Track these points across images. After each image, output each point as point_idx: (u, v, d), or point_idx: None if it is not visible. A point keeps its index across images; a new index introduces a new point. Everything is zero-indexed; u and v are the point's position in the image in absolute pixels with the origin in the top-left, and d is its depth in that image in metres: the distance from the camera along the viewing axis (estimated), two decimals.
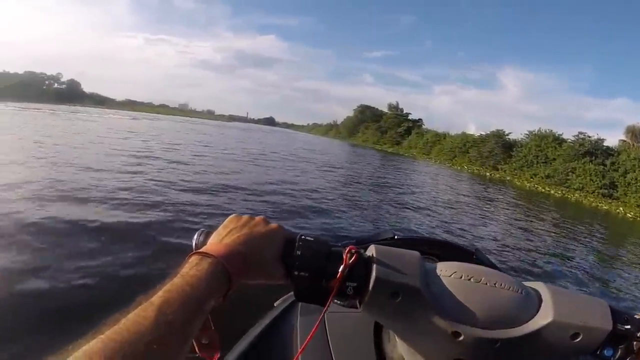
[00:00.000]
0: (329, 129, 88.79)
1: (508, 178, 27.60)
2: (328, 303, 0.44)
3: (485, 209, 9.67)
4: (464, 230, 6.65)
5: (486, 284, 0.44)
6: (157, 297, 0.34)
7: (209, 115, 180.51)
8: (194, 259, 0.40)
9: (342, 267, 0.43)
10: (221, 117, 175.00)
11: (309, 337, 0.45)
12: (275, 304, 0.90)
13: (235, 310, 0.70)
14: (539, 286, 0.47)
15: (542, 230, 8.49)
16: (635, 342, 0.42)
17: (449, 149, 37.98)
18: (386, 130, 53.10)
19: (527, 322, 0.42)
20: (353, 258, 0.43)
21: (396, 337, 0.52)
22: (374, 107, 65.65)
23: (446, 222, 7.04)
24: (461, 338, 0.41)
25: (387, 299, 0.43)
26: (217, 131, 34.75)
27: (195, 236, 0.50)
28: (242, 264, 0.42)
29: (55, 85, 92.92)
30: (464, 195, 12.02)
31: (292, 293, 0.53)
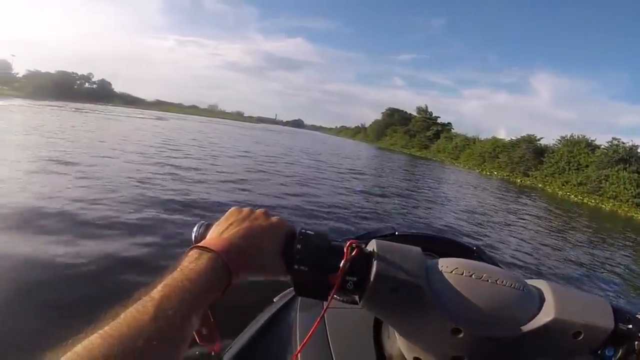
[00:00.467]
0: (357, 132, 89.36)
1: (539, 185, 27.25)
2: (330, 298, 0.43)
3: (521, 223, 9.23)
4: (500, 244, 6.30)
5: (488, 280, 0.43)
6: (157, 291, 0.34)
7: (238, 116, 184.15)
8: (193, 253, 0.40)
9: (343, 261, 0.42)
10: (250, 119, 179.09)
11: (309, 333, 0.44)
12: (274, 300, 0.92)
13: (234, 306, 0.70)
14: (541, 284, 0.46)
15: (580, 244, 8.07)
16: (636, 342, 0.42)
17: (478, 154, 37.66)
18: (414, 134, 53.11)
19: (528, 319, 0.42)
20: (354, 252, 0.43)
21: (396, 333, 0.51)
22: (402, 110, 65.76)
23: (488, 242, 6.52)
24: (461, 335, 0.41)
25: (388, 294, 0.42)
26: (245, 133, 34.39)
27: (195, 228, 0.49)
28: (242, 258, 0.42)
29: (86, 84, 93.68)
30: (500, 210, 11.10)
31: (291, 289, 0.64)
